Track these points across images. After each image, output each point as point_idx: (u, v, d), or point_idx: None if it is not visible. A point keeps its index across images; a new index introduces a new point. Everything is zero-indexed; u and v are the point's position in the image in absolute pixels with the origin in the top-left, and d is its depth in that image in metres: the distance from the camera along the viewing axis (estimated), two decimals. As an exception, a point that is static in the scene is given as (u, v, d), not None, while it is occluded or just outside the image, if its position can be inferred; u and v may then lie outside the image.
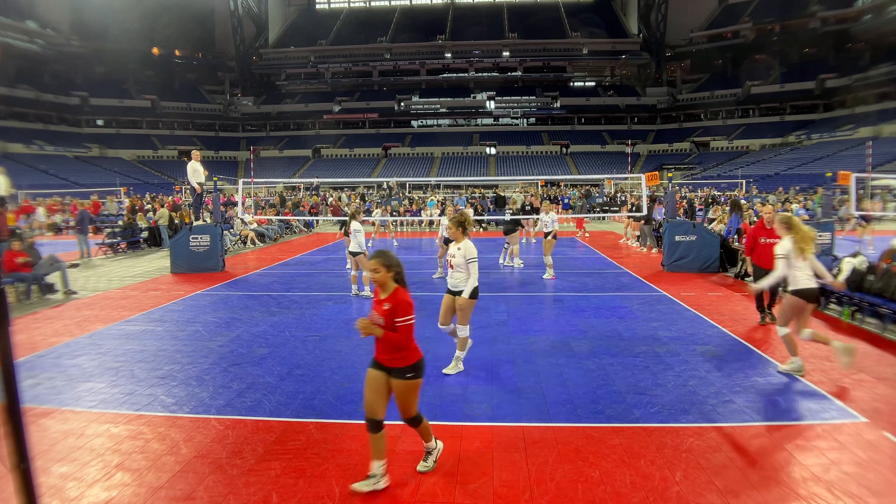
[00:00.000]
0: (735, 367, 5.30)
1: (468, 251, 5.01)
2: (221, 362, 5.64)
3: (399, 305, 3.17)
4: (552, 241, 10.29)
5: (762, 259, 6.70)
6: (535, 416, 4.27)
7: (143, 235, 16.37)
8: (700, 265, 10.74)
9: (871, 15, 47.82)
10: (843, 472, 3.38)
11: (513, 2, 64.74)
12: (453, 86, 62.74)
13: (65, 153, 49.29)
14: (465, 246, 5.04)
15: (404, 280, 3.31)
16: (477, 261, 5.02)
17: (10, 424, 1.73)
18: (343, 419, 4.25)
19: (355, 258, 8.78)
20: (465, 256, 5.00)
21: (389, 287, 3.24)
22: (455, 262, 5.07)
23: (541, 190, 28.45)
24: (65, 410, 4.49)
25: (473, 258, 5.00)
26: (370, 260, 3.24)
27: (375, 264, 3.22)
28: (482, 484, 3.31)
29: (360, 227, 8.77)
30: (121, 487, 3.33)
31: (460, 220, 5.11)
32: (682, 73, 62.10)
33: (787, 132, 50.51)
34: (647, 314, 7.48)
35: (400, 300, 3.18)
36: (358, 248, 8.66)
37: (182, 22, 58.05)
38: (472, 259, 4.99)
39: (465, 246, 5.04)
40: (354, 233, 8.69)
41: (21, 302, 8.83)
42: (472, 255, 5.00)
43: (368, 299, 8.67)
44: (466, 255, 5.00)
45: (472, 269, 4.98)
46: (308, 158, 56.80)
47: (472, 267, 4.98)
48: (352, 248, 8.72)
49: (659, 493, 3.18)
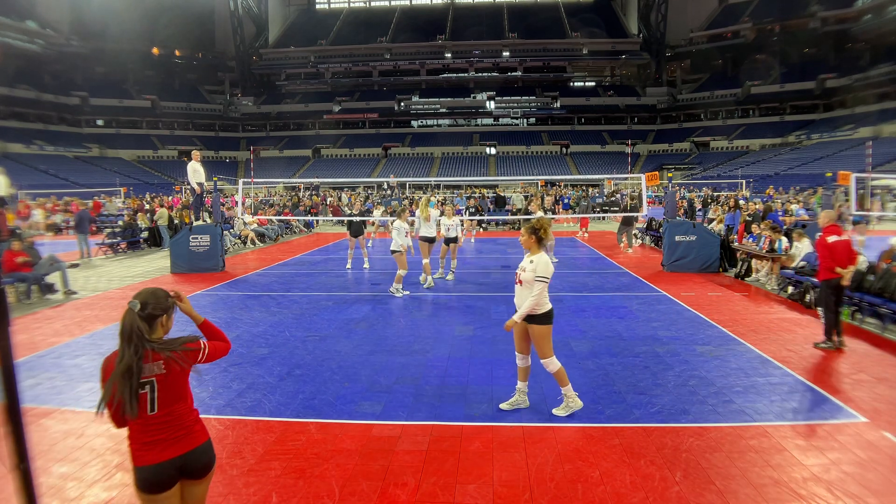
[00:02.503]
0: (735, 367, 5.30)
1: (541, 267, 4.06)
2: (221, 362, 5.64)
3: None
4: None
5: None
6: (535, 416, 4.27)
7: (144, 235, 16.37)
8: (700, 265, 10.74)
9: (871, 15, 47.82)
10: (843, 472, 3.38)
11: (513, 2, 64.75)
12: (453, 86, 62.76)
13: (65, 153, 49.29)
14: (539, 261, 4.09)
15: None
16: (547, 282, 4.07)
17: (10, 424, 1.73)
18: (343, 419, 4.25)
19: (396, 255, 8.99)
20: (535, 271, 4.06)
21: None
22: (524, 277, 4.12)
23: (541, 190, 28.43)
24: (65, 410, 4.49)
25: (544, 278, 4.04)
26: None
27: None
28: (482, 484, 3.31)
29: (403, 225, 8.98)
30: (121, 487, 3.33)
31: (534, 228, 4.19)
32: (682, 73, 62.12)
33: (787, 132, 50.52)
34: (647, 314, 7.48)
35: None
36: (398, 246, 8.91)
37: (182, 22, 58.05)
38: (542, 278, 4.04)
39: (538, 260, 4.09)
40: (398, 230, 8.94)
41: (21, 302, 8.83)
42: (544, 273, 4.05)
43: (383, 298, 8.67)
44: (539, 270, 4.05)
45: (538, 289, 4.02)
46: (308, 158, 56.81)
47: (538, 287, 4.02)
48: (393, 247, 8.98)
49: (659, 493, 3.18)
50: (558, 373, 4.22)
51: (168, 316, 2.25)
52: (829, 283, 5.76)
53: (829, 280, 5.74)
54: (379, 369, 5.36)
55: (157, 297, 2.20)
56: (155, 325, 2.20)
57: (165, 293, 2.24)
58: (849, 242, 5.81)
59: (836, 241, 5.71)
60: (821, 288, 5.97)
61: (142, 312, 2.15)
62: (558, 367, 4.21)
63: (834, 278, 5.69)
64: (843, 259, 5.69)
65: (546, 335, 4.15)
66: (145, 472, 2.12)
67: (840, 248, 5.70)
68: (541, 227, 4.17)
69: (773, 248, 9.29)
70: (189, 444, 2.20)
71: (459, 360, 5.63)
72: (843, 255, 5.69)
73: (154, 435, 2.14)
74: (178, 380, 2.18)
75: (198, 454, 2.23)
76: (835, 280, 5.69)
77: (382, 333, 6.69)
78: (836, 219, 6.03)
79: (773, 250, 9.28)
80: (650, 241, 15.56)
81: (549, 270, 4.08)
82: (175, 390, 2.18)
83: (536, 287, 4.02)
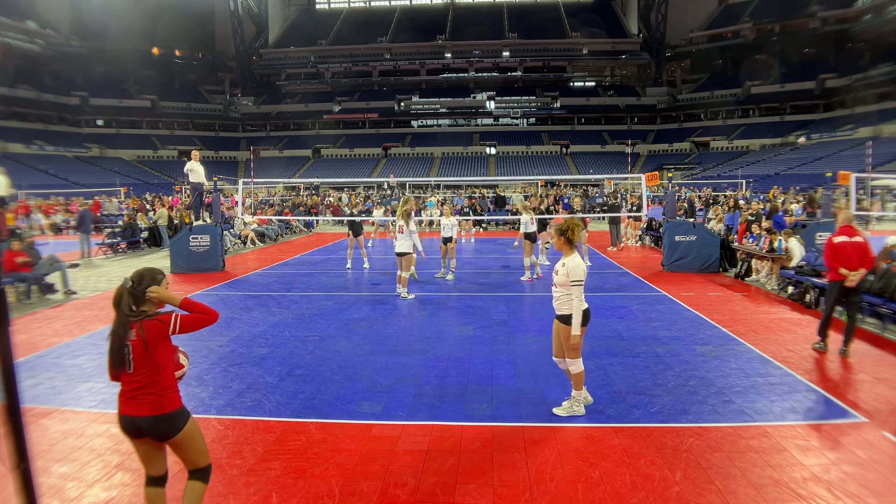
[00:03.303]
0: (735, 367, 5.30)
1: (574, 271, 4.03)
2: (221, 362, 5.64)
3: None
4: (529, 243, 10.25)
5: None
6: (535, 416, 4.27)
7: (144, 235, 16.38)
8: (700, 265, 10.74)
9: (871, 15, 47.85)
10: (843, 472, 3.38)
11: (513, 2, 64.78)
12: (453, 86, 62.76)
13: (65, 153, 49.30)
14: (571, 263, 4.06)
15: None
16: (583, 284, 4.05)
17: (10, 424, 1.73)
18: (343, 419, 4.25)
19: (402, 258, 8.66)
20: (568, 275, 4.04)
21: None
22: (557, 280, 4.14)
23: (541, 190, 28.43)
24: (65, 410, 4.49)
25: (578, 281, 4.01)
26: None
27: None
28: (482, 484, 3.31)
29: (414, 227, 8.71)
30: (121, 487, 3.33)
31: (563, 230, 4.16)
32: (682, 73, 62.14)
33: (787, 132, 50.51)
34: (647, 314, 7.48)
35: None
36: (408, 248, 8.59)
37: (182, 22, 58.06)
38: (577, 282, 4.01)
39: (570, 263, 4.07)
40: (409, 233, 8.58)
41: (21, 302, 8.83)
42: (577, 276, 4.01)
43: (384, 298, 8.66)
44: (571, 274, 4.02)
45: (576, 293, 4.02)
46: (308, 158, 56.82)
47: (576, 291, 4.02)
48: (402, 249, 8.60)
49: (659, 493, 3.18)
50: (578, 375, 4.21)
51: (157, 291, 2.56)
52: (833, 285, 5.70)
53: (833, 282, 5.68)
54: (379, 369, 5.36)
55: (144, 276, 2.57)
56: (144, 298, 2.54)
57: (154, 272, 2.60)
58: (861, 245, 5.57)
59: (844, 241, 5.57)
60: (828, 287, 5.88)
61: (132, 288, 2.53)
62: (581, 370, 4.20)
63: (837, 280, 5.59)
64: (851, 261, 5.49)
65: (581, 339, 4.15)
66: (118, 417, 2.57)
67: (848, 249, 5.52)
68: (569, 229, 4.15)
69: (773, 248, 9.29)
70: (147, 411, 2.49)
71: (459, 360, 5.63)
72: (850, 256, 5.49)
73: (128, 391, 2.52)
74: (147, 348, 2.47)
75: (152, 422, 2.50)
76: (838, 282, 5.61)
77: (382, 333, 6.69)
78: (852, 219, 5.80)
79: (773, 250, 9.28)
80: (650, 241, 15.57)
81: (582, 272, 4.06)
82: (147, 358, 2.48)
83: (575, 291, 4.03)
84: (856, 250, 5.52)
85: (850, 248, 5.53)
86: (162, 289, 2.57)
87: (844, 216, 5.81)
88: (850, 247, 5.54)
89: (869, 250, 5.60)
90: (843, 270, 5.51)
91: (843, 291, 5.62)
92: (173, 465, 3.61)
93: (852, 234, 5.60)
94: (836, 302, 5.70)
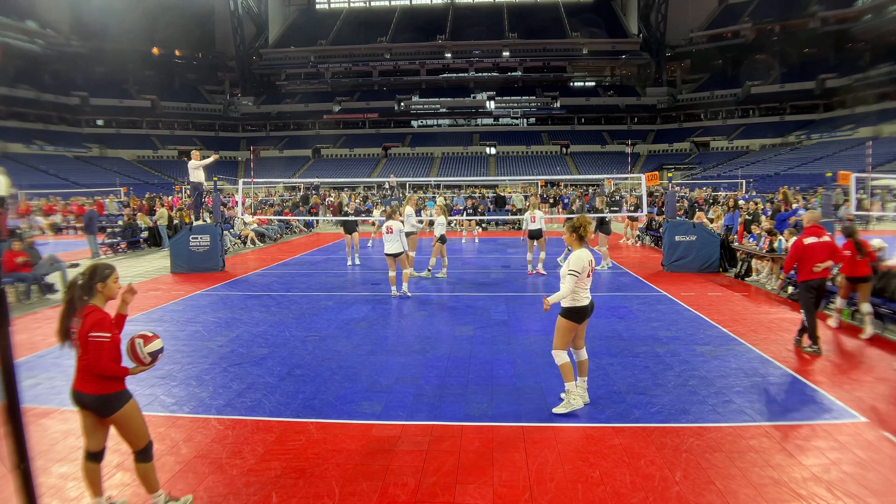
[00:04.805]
0: (735, 367, 5.30)
1: (573, 261, 4.16)
2: (221, 362, 5.64)
3: None
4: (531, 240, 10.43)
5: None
6: (535, 416, 4.27)
7: (144, 235, 16.38)
8: (700, 265, 10.74)
9: (871, 15, 47.80)
10: (843, 472, 3.39)
11: (513, 2, 64.71)
12: (453, 86, 62.70)
13: (65, 153, 49.26)
14: (573, 255, 4.22)
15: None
16: (576, 276, 4.13)
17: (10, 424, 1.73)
18: (343, 419, 4.25)
19: (397, 258, 8.64)
20: (567, 265, 4.18)
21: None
22: (560, 272, 4.33)
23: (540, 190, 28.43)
24: (65, 410, 4.49)
25: (574, 271, 4.13)
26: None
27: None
28: (482, 484, 3.31)
29: (402, 226, 8.69)
30: (121, 487, 3.33)
31: (575, 226, 4.31)
32: (682, 73, 62.08)
33: (787, 132, 50.49)
34: (647, 314, 7.48)
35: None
36: (401, 248, 8.54)
37: (182, 22, 58.00)
38: (572, 272, 4.13)
39: (572, 255, 4.23)
40: (398, 233, 8.52)
41: (21, 302, 8.83)
42: (574, 266, 4.14)
43: (384, 298, 8.67)
44: (570, 265, 4.16)
45: (569, 281, 4.14)
46: (308, 158, 56.78)
47: (569, 279, 4.14)
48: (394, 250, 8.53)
49: (659, 493, 3.18)
50: (563, 367, 4.27)
51: (104, 284, 2.93)
52: (807, 284, 5.77)
53: (807, 281, 5.75)
54: (379, 369, 5.36)
55: (88, 274, 2.91)
56: (93, 290, 2.90)
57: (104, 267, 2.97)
58: (829, 244, 5.79)
59: (814, 242, 5.74)
60: (800, 289, 5.94)
61: (81, 282, 2.88)
62: (564, 360, 4.27)
63: (813, 279, 5.70)
64: (823, 260, 5.69)
65: (563, 328, 4.25)
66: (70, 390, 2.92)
67: (818, 249, 5.72)
68: (581, 226, 4.30)
69: (773, 247, 9.29)
70: (90, 390, 2.84)
71: (459, 360, 5.63)
72: (821, 256, 5.70)
73: (78, 368, 2.87)
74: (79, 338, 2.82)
75: (92, 399, 2.85)
76: (814, 281, 5.71)
77: (382, 333, 6.69)
78: (819, 220, 6.04)
79: (773, 250, 9.27)
80: (650, 241, 15.58)
81: (581, 265, 4.15)
82: (81, 345, 2.82)
83: (568, 279, 4.15)
84: (825, 249, 5.77)
85: (818, 248, 5.75)
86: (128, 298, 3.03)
87: (811, 216, 6.09)
88: (819, 247, 5.76)
89: (837, 248, 5.94)
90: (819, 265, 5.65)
91: (816, 290, 5.76)
92: (174, 465, 3.61)
93: (820, 235, 5.83)
94: (815, 303, 5.76)
